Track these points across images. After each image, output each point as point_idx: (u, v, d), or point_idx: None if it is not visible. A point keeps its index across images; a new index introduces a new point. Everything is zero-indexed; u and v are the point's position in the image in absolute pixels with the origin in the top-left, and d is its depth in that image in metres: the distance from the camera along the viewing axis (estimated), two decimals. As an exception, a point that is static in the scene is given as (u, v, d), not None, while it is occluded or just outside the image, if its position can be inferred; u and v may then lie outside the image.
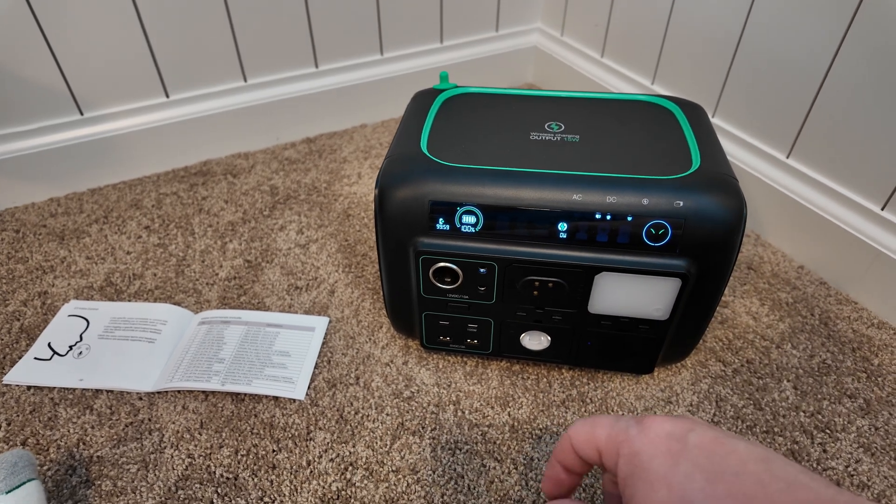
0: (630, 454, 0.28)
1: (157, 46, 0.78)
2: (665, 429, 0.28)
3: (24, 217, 0.77)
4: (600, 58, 0.92)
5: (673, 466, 0.26)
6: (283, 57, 0.86)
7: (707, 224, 0.43)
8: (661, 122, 0.51)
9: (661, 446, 0.27)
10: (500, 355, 0.55)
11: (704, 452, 0.26)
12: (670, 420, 0.28)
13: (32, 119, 0.76)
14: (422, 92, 0.57)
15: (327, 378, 0.56)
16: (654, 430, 0.28)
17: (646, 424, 0.28)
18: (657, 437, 0.27)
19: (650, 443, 0.27)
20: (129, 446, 0.51)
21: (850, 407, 0.53)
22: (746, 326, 0.61)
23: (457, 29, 0.97)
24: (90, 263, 0.70)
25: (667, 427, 0.28)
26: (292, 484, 0.48)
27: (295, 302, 0.64)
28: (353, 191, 0.81)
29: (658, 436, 0.27)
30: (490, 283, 0.48)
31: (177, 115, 0.83)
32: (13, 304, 0.64)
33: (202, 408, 0.54)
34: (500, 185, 0.45)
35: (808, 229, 0.67)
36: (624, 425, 0.29)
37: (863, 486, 0.48)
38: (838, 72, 0.60)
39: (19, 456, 0.43)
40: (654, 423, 0.28)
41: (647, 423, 0.28)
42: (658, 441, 0.27)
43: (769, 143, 0.70)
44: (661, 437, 0.27)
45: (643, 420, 0.29)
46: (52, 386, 0.55)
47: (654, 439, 0.27)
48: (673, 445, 0.27)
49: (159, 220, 0.76)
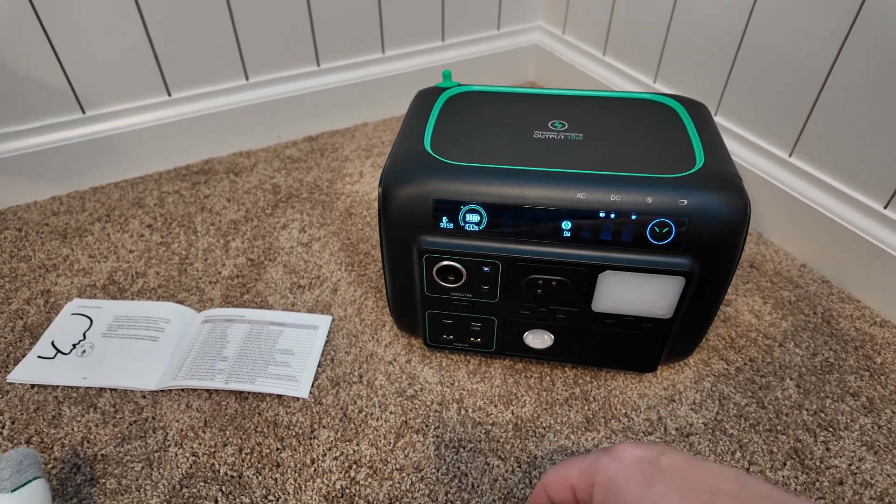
0: (604, 481, 0.28)
1: (158, 45, 0.77)
2: (636, 454, 0.28)
3: (27, 215, 0.77)
4: (602, 56, 0.92)
5: (648, 488, 0.26)
6: (284, 55, 0.86)
7: (711, 222, 0.43)
8: (665, 120, 0.51)
9: (634, 470, 0.27)
10: (504, 354, 0.55)
11: (678, 473, 0.26)
12: (641, 446, 0.29)
13: (34, 117, 0.76)
14: (425, 90, 0.57)
15: (331, 376, 0.56)
16: (625, 457, 0.28)
17: (616, 452, 0.29)
18: (629, 462, 0.28)
19: (623, 468, 0.28)
20: (134, 444, 0.51)
21: (853, 405, 0.54)
22: (749, 325, 0.61)
23: (458, 27, 0.97)
24: (93, 262, 0.70)
25: (638, 452, 0.28)
26: (296, 482, 0.48)
27: (298, 300, 0.65)
28: (355, 189, 0.81)
29: (630, 461, 0.28)
30: (494, 282, 0.48)
31: (179, 113, 0.83)
32: (16, 302, 0.64)
33: (206, 406, 0.54)
34: (503, 184, 0.45)
35: (811, 227, 0.67)
36: (594, 457, 0.30)
37: (866, 484, 0.48)
38: (841, 70, 0.60)
39: (24, 454, 0.43)
40: (624, 450, 0.29)
41: (618, 451, 0.29)
42: (631, 465, 0.28)
43: (771, 141, 0.70)
44: (634, 462, 0.28)
45: (613, 449, 0.29)
46: (56, 384, 0.56)
47: (627, 464, 0.28)
48: (646, 469, 0.27)
49: (162, 219, 0.76)
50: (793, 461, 0.49)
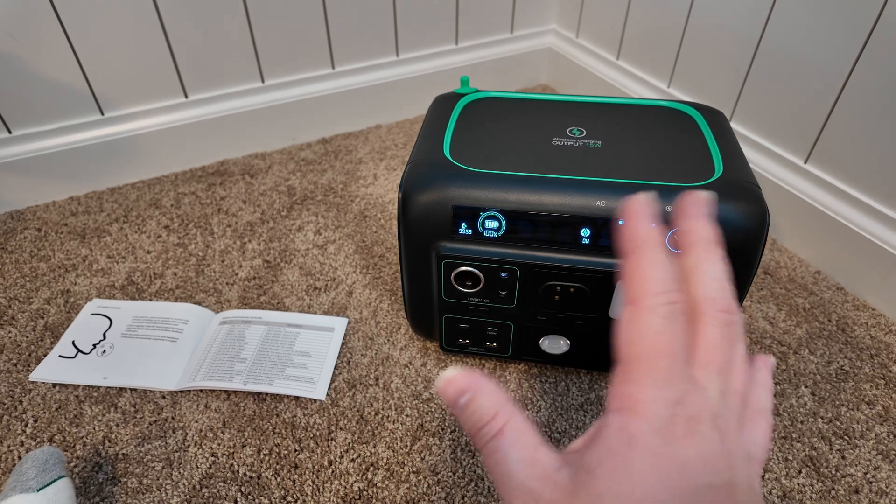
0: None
1: (176, 48, 0.78)
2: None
3: (46, 216, 0.78)
4: (616, 60, 0.92)
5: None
6: (300, 58, 0.87)
7: (729, 231, 0.43)
8: (683, 128, 0.51)
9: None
10: (519, 358, 0.56)
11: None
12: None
13: (54, 119, 0.77)
14: (442, 96, 0.58)
15: (347, 378, 0.57)
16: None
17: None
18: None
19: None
20: (154, 444, 0.52)
21: (869, 413, 0.54)
22: (763, 331, 0.61)
23: (472, 30, 0.97)
24: (111, 262, 0.71)
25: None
26: (314, 483, 0.49)
27: (314, 302, 0.65)
28: (370, 192, 0.82)
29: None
30: (511, 288, 0.49)
31: (195, 115, 0.84)
32: (37, 301, 0.65)
33: (224, 407, 0.55)
34: (522, 191, 0.45)
35: (826, 235, 0.67)
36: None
37: (881, 492, 0.48)
38: (859, 76, 0.60)
39: (50, 453, 0.44)
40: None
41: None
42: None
43: (787, 147, 0.70)
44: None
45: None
46: (77, 384, 0.56)
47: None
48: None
49: (178, 220, 0.77)
50: (808, 469, 0.50)
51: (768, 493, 0.48)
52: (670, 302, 0.21)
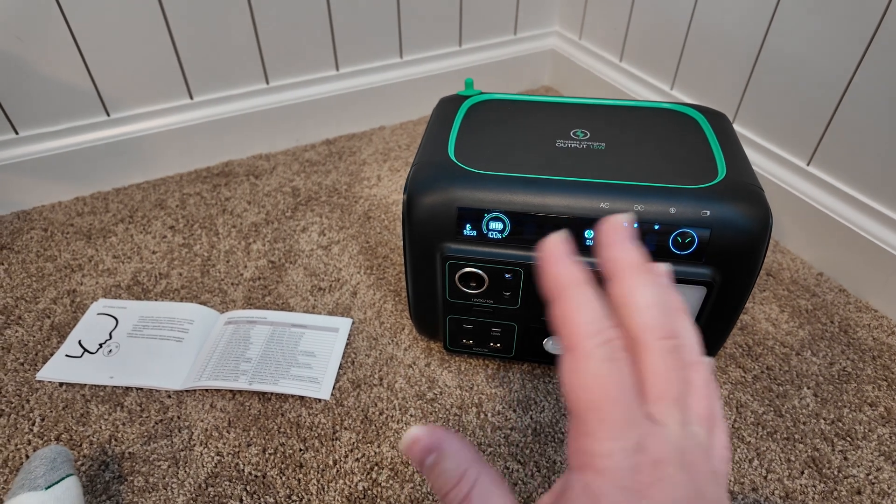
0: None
1: (182, 49, 0.79)
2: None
3: (52, 216, 0.78)
4: (619, 62, 0.93)
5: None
6: (304, 60, 0.87)
7: (733, 233, 0.43)
8: (687, 130, 0.52)
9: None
10: (523, 359, 0.56)
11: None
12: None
13: (60, 120, 0.77)
14: (447, 98, 0.58)
15: (351, 378, 0.57)
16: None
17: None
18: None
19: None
20: (160, 443, 0.52)
21: (871, 415, 0.54)
22: (766, 333, 0.62)
23: (475, 32, 0.97)
24: (117, 262, 0.71)
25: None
26: (319, 483, 0.49)
27: (318, 303, 0.65)
28: (374, 193, 0.82)
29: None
30: (515, 289, 0.49)
31: (200, 116, 0.84)
32: (43, 301, 0.66)
33: (230, 406, 0.55)
34: (527, 193, 0.45)
35: (828, 237, 0.67)
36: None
37: (883, 493, 0.48)
38: (862, 78, 0.61)
39: (58, 452, 0.44)
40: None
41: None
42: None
43: (789, 150, 0.70)
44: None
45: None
46: (84, 383, 0.57)
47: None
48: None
49: (184, 221, 0.77)
50: (810, 470, 0.50)
51: (771, 494, 0.48)
52: (606, 341, 0.20)
